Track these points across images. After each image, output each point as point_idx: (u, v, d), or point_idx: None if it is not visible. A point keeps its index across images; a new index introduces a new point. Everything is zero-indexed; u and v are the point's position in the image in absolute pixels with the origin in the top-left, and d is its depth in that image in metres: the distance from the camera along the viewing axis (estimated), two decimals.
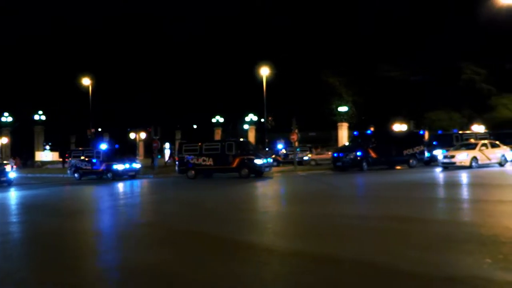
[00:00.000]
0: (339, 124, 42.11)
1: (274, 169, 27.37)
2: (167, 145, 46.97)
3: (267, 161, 23.94)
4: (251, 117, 49.43)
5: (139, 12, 62.27)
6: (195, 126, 62.71)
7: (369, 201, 12.02)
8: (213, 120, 52.42)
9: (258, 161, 22.96)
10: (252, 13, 60.42)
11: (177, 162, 25.40)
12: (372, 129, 40.07)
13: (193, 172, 24.06)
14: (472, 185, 15.10)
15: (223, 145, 23.83)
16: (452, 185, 15.04)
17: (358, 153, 25.55)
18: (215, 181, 22.66)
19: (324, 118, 46.07)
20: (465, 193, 12.90)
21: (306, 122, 47.16)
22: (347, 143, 31.16)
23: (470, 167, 21.79)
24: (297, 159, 30.61)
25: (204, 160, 23.79)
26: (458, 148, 23.77)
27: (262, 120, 46.18)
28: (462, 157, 22.21)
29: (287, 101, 50.53)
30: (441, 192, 13.57)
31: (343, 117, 42.79)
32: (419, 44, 51.75)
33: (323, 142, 42.86)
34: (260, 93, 36.21)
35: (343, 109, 43.45)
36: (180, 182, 22.58)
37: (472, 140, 25.85)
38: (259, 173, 23.33)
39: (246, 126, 51.03)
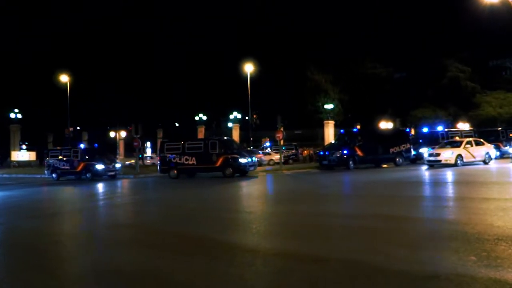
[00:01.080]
0: (325, 122, 42.53)
1: (258, 168, 27.45)
2: (148, 144, 46.65)
3: (252, 160, 24.03)
4: (235, 115, 49.36)
5: (121, 10, 61.97)
6: (177, 124, 62.48)
7: (355, 200, 12.10)
8: (196, 118, 52.25)
9: (242, 160, 23.10)
10: (237, 9, 60.62)
11: (159, 162, 25.24)
12: (358, 127, 40.62)
13: (175, 171, 24.07)
14: (457, 183, 15.31)
15: (206, 144, 23.84)
16: (438, 183, 15.24)
17: (345, 152, 25.82)
18: (198, 180, 22.65)
19: (310, 116, 46.48)
20: (450, 191, 13.07)
21: (292, 120, 47.48)
22: (333, 141, 31.46)
23: (455, 165, 22.21)
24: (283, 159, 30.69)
25: (186, 159, 23.77)
26: (443, 146, 24.17)
27: (247, 118, 46.26)
28: (447, 155, 22.64)
29: (272, 98, 50.69)
30: (427, 190, 13.74)
31: (329, 114, 43.14)
32: (403, 41, 52.53)
33: (309, 140, 43.14)
34: (244, 90, 36.26)
35: (329, 106, 43.81)
36: (162, 182, 22.53)
37: (457, 138, 26.40)
38: (243, 172, 23.50)
39: (230, 124, 51.00)
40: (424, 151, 25.18)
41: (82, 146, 28.73)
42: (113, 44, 59.00)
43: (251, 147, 37.99)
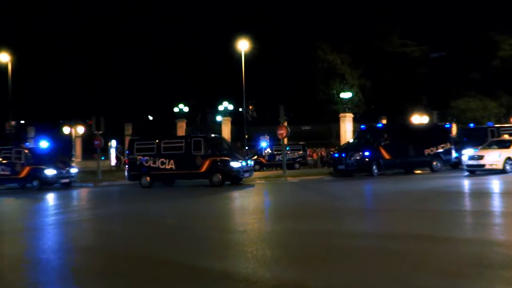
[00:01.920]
0: (341, 115, 42.44)
1: (256, 174, 27.44)
2: (113, 142, 46.51)
3: (247, 164, 24.01)
4: (226, 105, 49.11)
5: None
6: (151, 118, 62.38)
7: (380, 216, 12.14)
8: (175, 110, 51.79)
9: (234, 164, 23.09)
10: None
11: (126, 166, 25.33)
12: (384, 121, 40.69)
13: (148, 178, 24.14)
14: (507, 194, 15.37)
15: (188, 143, 23.91)
16: (483, 195, 15.37)
17: (366, 153, 25.83)
18: (178, 190, 22.61)
19: (322, 108, 46.51)
20: (498, 204, 13.13)
21: (299, 113, 47.51)
22: (351, 140, 31.41)
23: (503, 171, 22.08)
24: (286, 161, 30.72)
25: (163, 163, 23.83)
26: (489, 146, 24.04)
27: (241, 109, 46.15)
28: (493, 158, 22.45)
29: (273, 85, 50.69)
30: (469, 204, 13.82)
31: (346, 105, 43.16)
32: (442, 11, 52.63)
33: (320, 138, 43.02)
34: (237, 74, 36.19)
35: (346, 95, 43.81)
36: (131, 191, 22.47)
37: (506, 137, 26.05)
38: (236, 180, 23.54)
39: (219, 118, 50.82)
40: (469, 152, 25.13)
41: (27, 145, 28.59)
42: (67, 17, 59.11)
43: (247, 147, 38.03)
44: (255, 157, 37.12)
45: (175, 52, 58.36)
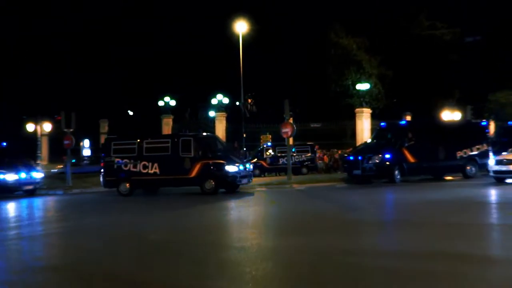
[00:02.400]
0: (357, 110, 42.32)
1: (255, 180, 27.54)
2: (86, 142, 46.47)
3: (245, 168, 24.03)
4: (220, 99, 48.97)
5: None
6: (131, 113, 62.23)
7: (402, 230, 12.06)
8: (160, 104, 51.62)
9: (230, 168, 23.14)
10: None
11: (102, 170, 25.27)
12: (408, 118, 40.58)
13: (127, 185, 24.19)
14: None
15: (175, 143, 23.94)
16: None
17: (387, 156, 25.84)
18: (163, 199, 22.64)
19: (335, 101, 46.35)
20: None
21: (307, 108, 47.38)
22: (369, 140, 31.24)
23: None
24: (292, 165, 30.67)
25: (145, 167, 23.88)
26: None
27: (238, 103, 45.96)
28: None
29: (276, 75, 50.52)
30: (509, 217, 13.77)
31: (363, 99, 42.99)
32: None
33: (332, 138, 42.90)
34: (234, 61, 36.15)
35: (363, 86, 43.65)
36: (108, 201, 22.50)
37: None
38: (232, 187, 23.64)
39: (212, 114, 50.78)
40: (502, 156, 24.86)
41: None
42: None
43: (245, 148, 38.01)
44: (255, 160, 37.04)
45: (160, 34, 58.28)
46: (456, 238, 10.24)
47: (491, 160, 23.67)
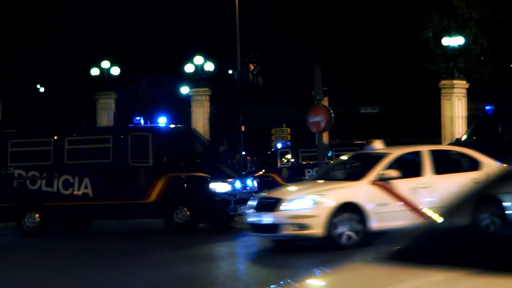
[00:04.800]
0: (443, 83, 31.93)
1: None
2: None
3: (245, 187, 19.15)
4: (201, 64, 36.39)
5: None
6: (42, 90, 50.40)
7: None
8: (94, 73, 38.09)
9: (218, 186, 18.25)
10: None
11: None
12: None
13: (37, 216, 19.11)
14: None
15: (121, 142, 19.17)
16: None
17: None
18: (96, 244, 17.48)
19: (401, 71, 36.35)
20: None
21: (352, 80, 37.56)
22: (464, 137, 24.42)
23: None
24: None
25: (68, 184, 18.87)
26: None
27: (231, 72, 37.41)
28: None
29: (296, 23, 41.74)
30: None
31: (454, 63, 32.60)
32: None
33: (399, 132, 33.11)
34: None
35: (455, 41, 33.26)
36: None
37: None
38: (221, 220, 18.82)
39: (185, 90, 38.98)
40: None
41: None
42: None
43: (244, 152, 30.75)
44: (262, 171, 28.58)
45: None
46: None
47: None
